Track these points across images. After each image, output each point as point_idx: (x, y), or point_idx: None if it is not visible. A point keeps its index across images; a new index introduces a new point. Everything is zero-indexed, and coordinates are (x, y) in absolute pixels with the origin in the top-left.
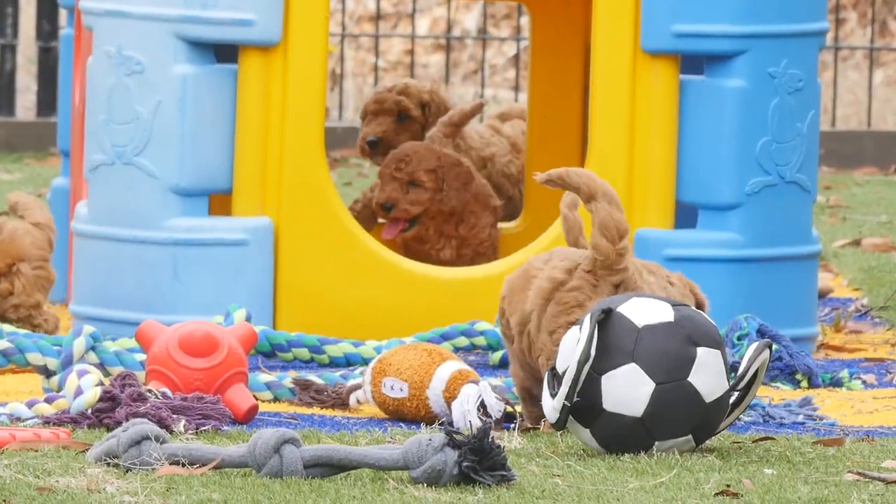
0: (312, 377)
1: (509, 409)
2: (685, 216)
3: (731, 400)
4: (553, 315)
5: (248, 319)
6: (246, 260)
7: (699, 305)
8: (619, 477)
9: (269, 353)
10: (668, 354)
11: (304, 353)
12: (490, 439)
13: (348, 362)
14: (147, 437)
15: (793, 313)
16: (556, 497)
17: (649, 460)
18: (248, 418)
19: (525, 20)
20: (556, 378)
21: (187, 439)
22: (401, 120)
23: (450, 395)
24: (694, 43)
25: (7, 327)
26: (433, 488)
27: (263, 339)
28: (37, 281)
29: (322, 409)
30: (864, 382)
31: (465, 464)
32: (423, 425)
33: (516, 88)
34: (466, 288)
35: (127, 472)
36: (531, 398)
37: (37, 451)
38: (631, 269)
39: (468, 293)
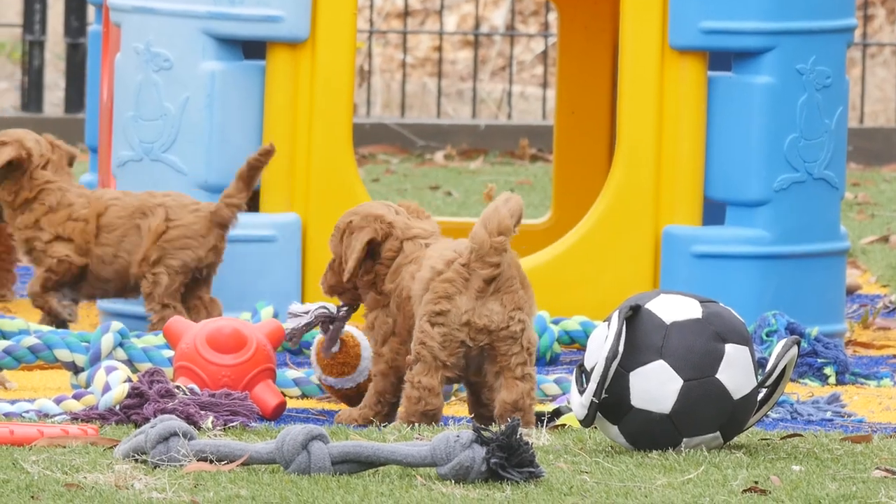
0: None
1: (540, 406)
2: (713, 213)
3: (759, 397)
4: (425, 302)
5: (276, 316)
6: (274, 256)
7: None
8: (647, 473)
9: (296, 350)
10: (696, 351)
11: None
12: (518, 436)
13: None
14: (175, 434)
15: (821, 310)
16: (584, 493)
17: (677, 457)
18: (276, 415)
19: (553, 16)
20: (584, 374)
21: (215, 435)
22: None
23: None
24: (722, 39)
25: (35, 325)
26: (461, 485)
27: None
28: None
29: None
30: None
31: (493, 460)
32: (450, 422)
33: (544, 85)
34: None
35: (155, 468)
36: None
37: (65, 447)
38: (507, 268)
39: None
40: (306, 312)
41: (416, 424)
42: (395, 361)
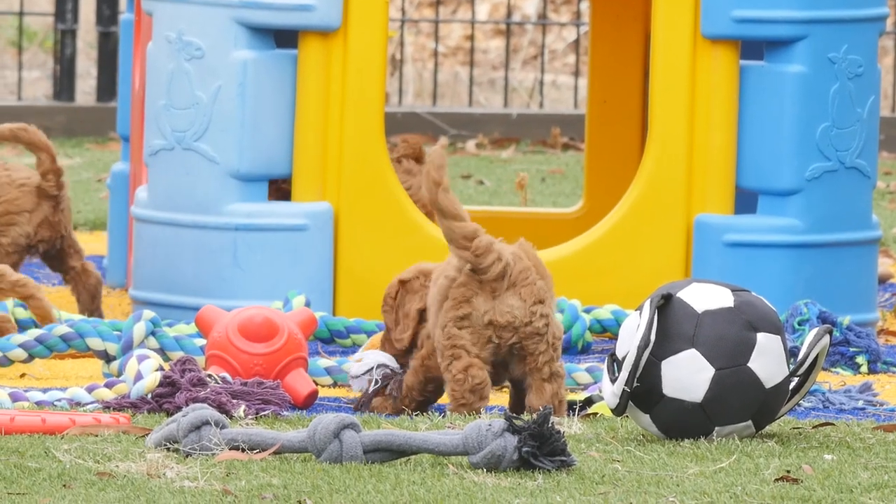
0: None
1: (572, 395)
2: (745, 202)
3: (791, 385)
4: (445, 310)
5: (308, 305)
6: (305, 245)
7: None
8: (679, 462)
9: (327, 339)
10: (727, 340)
11: (362, 338)
12: (550, 425)
13: None
14: (207, 422)
15: (853, 299)
16: (616, 482)
17: (709, 446)
18: (308, 403)
19: (585, 5)
20: (615, 363)
21: (247, 424)
22: None
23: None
24: (754, 28)
25: (67, 313)
26: (493, 473)
27: (322, 325)
28: None
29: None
30: None
31: (524, 449)
32: (482, 411)
33: (576, 74)
34: None
35: (187, 457)
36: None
37: (97, 435)
38: (511, 259)
39: None
40: (367, 371)
41: (468, 412)
42: (426, 360)
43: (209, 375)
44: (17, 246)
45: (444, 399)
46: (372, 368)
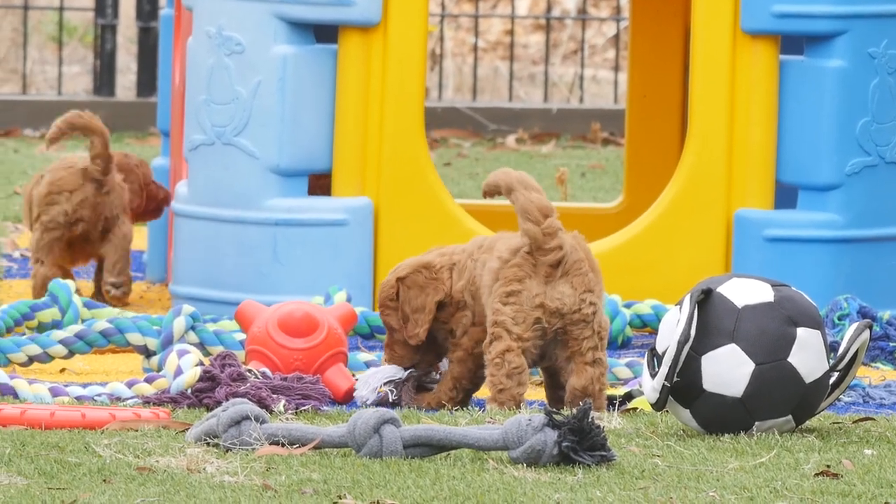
0: None
1: (612, 389)
2: (785, 196)
3: (831, 380)
4: (494, 290)
5: (349, 301)
6: (345, 240)
7: None
8: (719, 457)
9: (367, 334)
10: (768, 335)
11: None
12: (590, 419)
13: None
14: (247, 417)
15: (893, 293)
16: (656, 477)
17: (749, 440)
18: (348, 398)
19: (625, 0)
20: (655, 358)
21: (287, 419)
22: None
23: None
24: (794, 23)
25: (107, 310)
26: (533, 468)
27: (363, 320)
28: None
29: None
30: None
31: (564, 444)
32: (523, 406)
33: (616, 69)
34: None
35: (227, 452)
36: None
37: (137, 430)
38: (572, 251)
39: None
40: (375, 390)
41: (507, 398)
42: (474, 349)
43: (249, 370)
44: (55, 223)
45: (483, 393)
46: (377, 388)
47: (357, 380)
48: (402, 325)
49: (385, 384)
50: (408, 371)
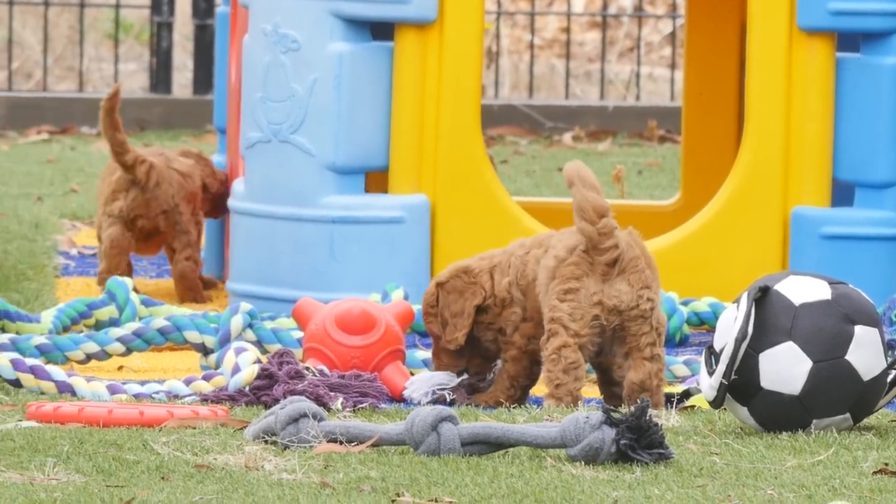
0: None
1: (670, 387)
2: (842, 194)
3: (889, 378)
4: (551, 288)
5: (406, 298)
6: (402, 237)
7: None
8: (777, 455)
9: (426, 334)
10: (825, 332)
11: None
12: (648, 417)
13: None
14: (305, 415)
15: None
16: (714, 475)
17: (807, 438)
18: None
19: None
20: (713, 356)
21: (345, 417)
22: None
23: None
24: (850, 21)
25: (165, 308)
26: (591, 466)
27: (420, 318)
28: None
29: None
30: None
31: (622, 441)
32: (580, 403)
33: (672, 66)
34: None
35: (285, 449)
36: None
37: (195, 428)
38: (629, 248)
39: None
40: (426, 395)
41: (564, 394)
42: (527, 346)
43: (307, 368)
44: (113, 219)
45: (539, 391)
46: (428, 392)
47: (408, 383)
48: (442, 331)
49: (438, 389)
50: (459, 379)
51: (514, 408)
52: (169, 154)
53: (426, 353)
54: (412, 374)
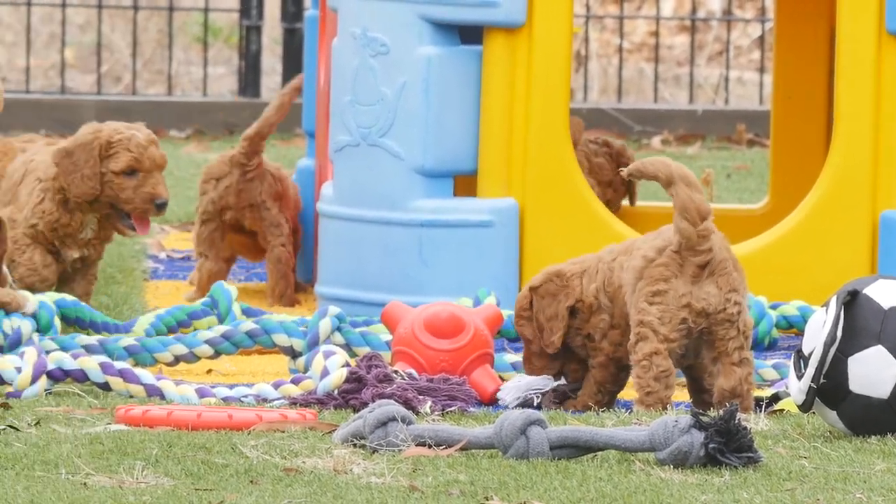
0: None
1: (759, 391)
2: None
3: None
4: (639, 289)
5: (498, 304)
6: (491, 241)
7: None
8: (866, 459)
9: (514, 338)
10: None
11: None
12: (737, 421)
13: None
14: (393, 419)
15: None
16: (803, 479)
17: None
18: (495, 400)
19: (770, 1)
20: (802, 360)
21: (433, 420)
22: None
23: None
24: None
25: (267, 318)
26: (679, 470)
27: (509, 323)
28: None
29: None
30: None
31: (711, 445)
32: (669, 407)
33: (761, 70)
34: None
35: (373, 453)
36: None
37: (283, 432)
38: (718, 251)
39: None
40: (519, 398)
41: (655, 401)
42: (615, 353)
43: (395, 371)
44: (207, 213)
45: (628, 394)
46: (520, 397)
47: (503, 386)
48: (536, 336)
49: (531, 392)
50: (555, 383)
51: (602, 411)
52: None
53: (515, 357)
54: (501, 377)
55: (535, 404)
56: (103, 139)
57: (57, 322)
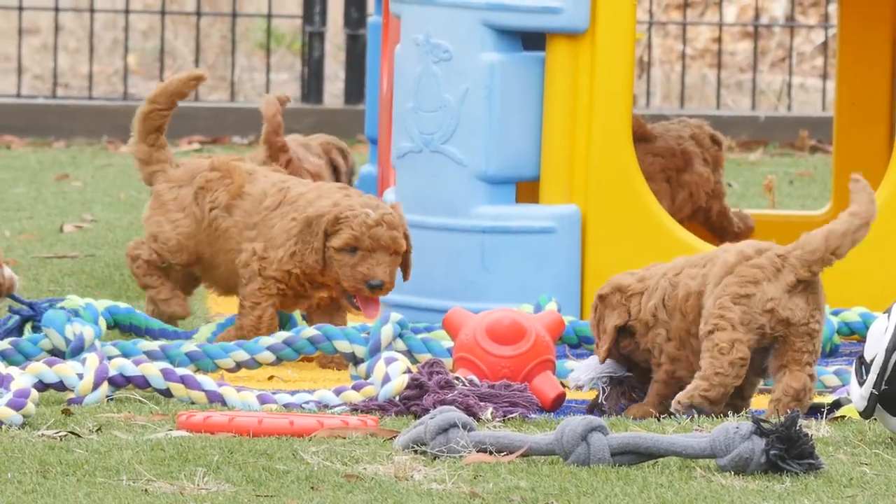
0: None
1: (820, 397)
2: None
3: None
4: (726, 284)
5: (559, 310)
6: (553, 248)
7: None
8: None
9: (575, 344)
10: None
11: None
12: (798, 427)
13: None
14: (454, 425)
15: None
16: (864, 485)
17: None
18: (556, 406)
19: (833, 7)
20: (863, 366)
21: (494, 427)
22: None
23: None
24: None
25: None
26: (740, 476)
27: (570, 330)
28: None
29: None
30: None
31: (772, 452)
32: (730, 413)
33: (824, 76)
34: None
35: (434, 459)
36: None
37: (344, 438)
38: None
39: None
40: (592, 380)
41: (714, 389)
42: (673, 368)
43: (457, 378)
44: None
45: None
46: (594, 378)
47: (577, 366)
48: (597, 341)
49: (605, 375)
50: (626, 373)
51: (663, 418)
52: (302, 154)
53: (576, 363)
54: (562, 384)
55: (600, 397)
56: (332, 215)
57: (102, 323)
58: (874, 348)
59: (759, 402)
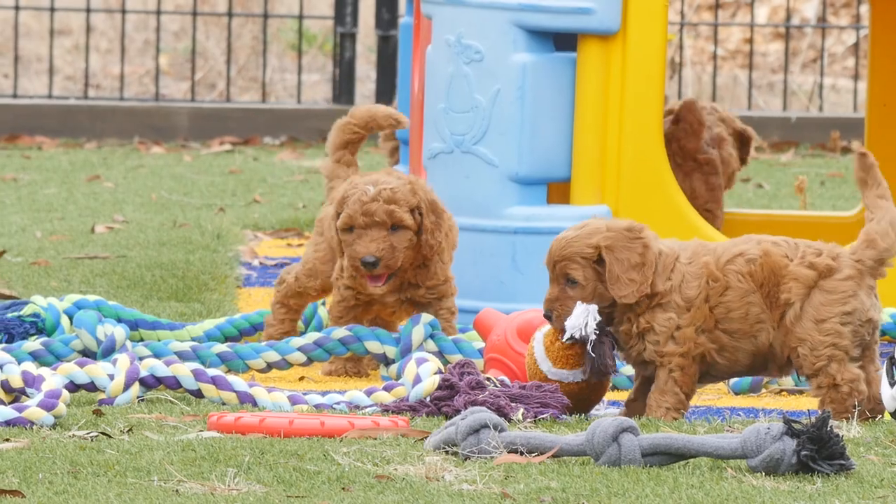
0: None
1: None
2: None
3: None
4: (823, 304)
5: None
6: None
7: None
8: None
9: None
10: None
11: None
12: (829, 428)
13: None
14: (486, 426)
15: None
16: (895, 486)
17: None
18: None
19: (864, 8)
20: (894, 367)
21: (525, 427)
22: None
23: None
24: None
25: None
26: (771, 477)
27: None
28: None
29: None
30: None
31: (803, 453)
32: (760, 414)
33: (855, 77)
34: None
35: (465, 460)
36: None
37: (375, 438)
38: None
39: None
40: (584, 322)
41: (850, 412)
42: (695, 349)
43: (488, 379)
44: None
45: (792, 405)
46: (587, 324)
47: (571, 316)
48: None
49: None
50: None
51: (694, 418)
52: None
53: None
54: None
55: (595, 332)
56: (340, 195)
57: (64, 322)
58: None
59: (800, 403)
